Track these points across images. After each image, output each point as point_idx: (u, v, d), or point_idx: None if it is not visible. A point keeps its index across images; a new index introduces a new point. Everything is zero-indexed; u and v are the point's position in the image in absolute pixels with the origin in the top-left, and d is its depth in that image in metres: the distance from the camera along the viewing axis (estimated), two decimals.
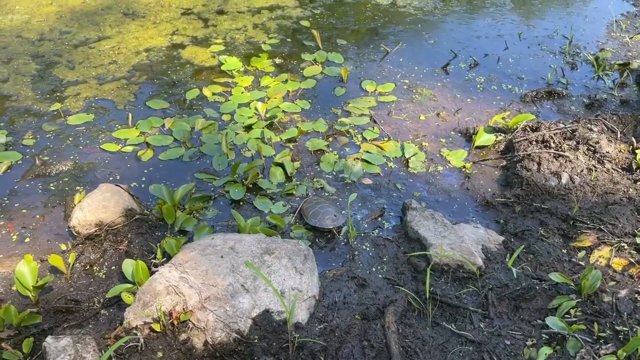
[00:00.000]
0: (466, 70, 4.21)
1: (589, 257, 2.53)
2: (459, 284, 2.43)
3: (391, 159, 3.30)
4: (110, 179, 3.08)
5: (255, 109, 3.66)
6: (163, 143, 3.36)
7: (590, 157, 3.12)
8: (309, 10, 5.03)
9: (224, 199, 2.98)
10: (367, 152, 3.33)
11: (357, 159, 3.25)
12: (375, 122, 3.59)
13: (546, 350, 2.08)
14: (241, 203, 2.95)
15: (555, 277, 2.35)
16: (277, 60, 4.26)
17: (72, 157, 3.23)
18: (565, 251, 2.59)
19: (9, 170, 3.12)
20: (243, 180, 3.06)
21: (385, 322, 2.20)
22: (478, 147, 3.40)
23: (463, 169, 3.23)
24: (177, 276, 2.17)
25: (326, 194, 3.02)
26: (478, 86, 4.02)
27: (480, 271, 2.45)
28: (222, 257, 2.26)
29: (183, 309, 2.10)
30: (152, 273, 2.31)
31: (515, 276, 2.43)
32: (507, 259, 2.54)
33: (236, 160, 3.22)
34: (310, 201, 2.86)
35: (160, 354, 2.04)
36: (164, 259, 2.49)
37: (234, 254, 2.28)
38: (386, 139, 3.45)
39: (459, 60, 4.34)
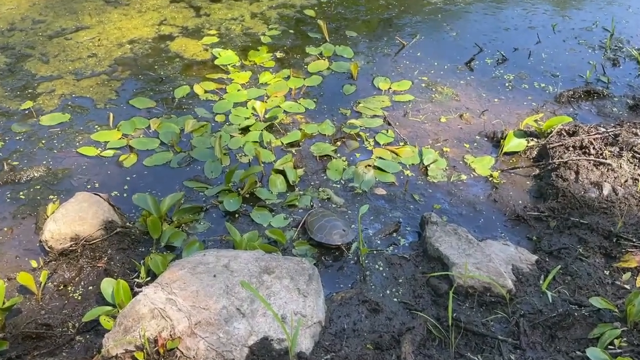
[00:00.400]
0: (493, 67, 4.22)
1: (635, 279, 2.51)
2: (485, 309, 2.41)
3: (408, 166, 3.30)
4: (88, 187, 3.09)
5: (253, 108, 3.68)
6: (148, 147, 3.38)
7: (635, 165, 3.12)
8: None
9: (217, 210, 2.98)
10: (380, 158, 3.34)
11: (369, 166, 3.26)
12: (389, 124, 3.60)
13: None
14: (236, 215, 2.95)
15: (596, 302, 2.34)
16: (278, 54, 4.29)
17: (45, 162, 3.24)
18: (607, 272, 2.58)
19: None
20: (239, 189, 3.07)
21: (402, 353, 2.19)
22: (507, 154, 3.40)
23: (490, 178, 3.23)
24: (164, 298, 2.16)
25: (333, 206, 3.02)
26: (507, 84, 4.03)
27: (510, 295, 2.44)
28: (214, 276, 2.26)
29: (170, 335, 2.09)
30: (135, 294, 2.31)
31: (550, 301, 2.41)
32: (541, 281, 2.53)
33: (231, 166, 3.22)
34: (316, 214, 2.86)
35: None
36: (149, 278, 2.49)
37: (228, 272, 2.28)
38: (402, 143, 3.46)
39: (484, 55, 4.35)
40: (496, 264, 2.52)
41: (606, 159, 3.15)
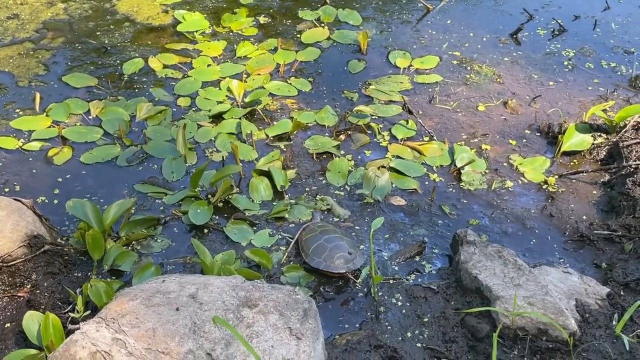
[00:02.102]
0: (547, 40, 4.25)
1: None
2: (541, 358, 2.41)
3: (435, 168, 3.31)
4: (6, 190, 3.08)
5: (229, 90, 3.68)
6: (87, 138, 3.37)
7: None
8: None
9: (179, 223, 2.98)
10: (398, 157, 3.34)
11: (383, 167, 3.26)
12: (410, 112, 3.61)
13: None
14: (206, 230, 2.95)
15: None
16: (262, 19, 4.30)
17: None
18: None
19: None
20: (209, 196, 3.06)
21: None
22: (566, 154, 3.42)
23: (544, 186, 3.24)
24: (109, 337, 2.15)
25: (336, 220, 3.02)
26: (565, 63, 4.06)
27: (573, 339, 2.43)
28: (177, 309, 2.25)
29: None
30: (69, 332, 2.29)
31: (627, 348, 2.41)
32: (614, 322, 2.53)
33: (198, 165, 3.22)
34: (312, 230, 2.85)
35: None
36: (88, 312, 2.47)
37: (195, 305, 2.27)
38: (427, 138, 3.47)
39: (535, 24, 4.39)
40: (555, 298, 2.52)
41: None
